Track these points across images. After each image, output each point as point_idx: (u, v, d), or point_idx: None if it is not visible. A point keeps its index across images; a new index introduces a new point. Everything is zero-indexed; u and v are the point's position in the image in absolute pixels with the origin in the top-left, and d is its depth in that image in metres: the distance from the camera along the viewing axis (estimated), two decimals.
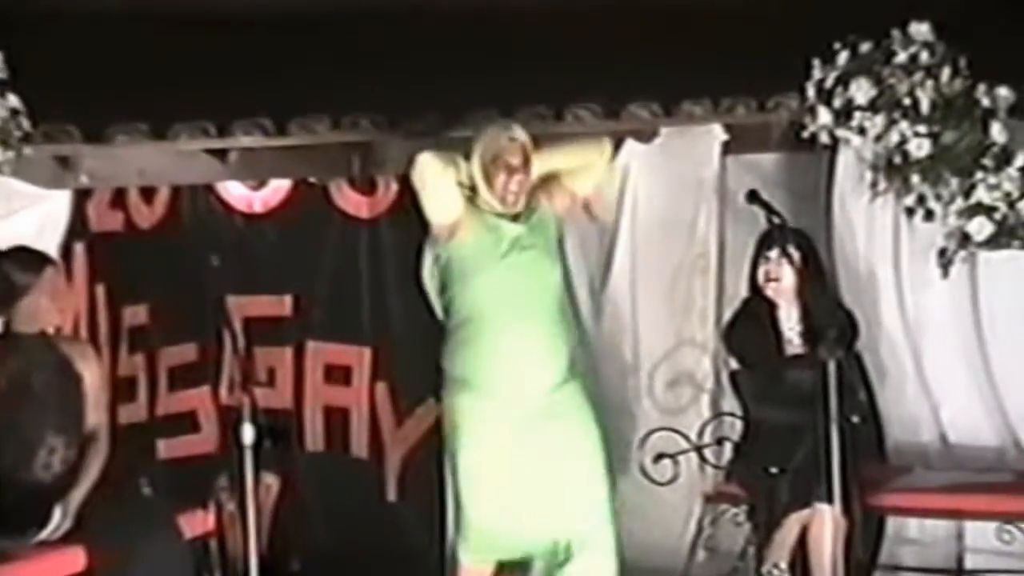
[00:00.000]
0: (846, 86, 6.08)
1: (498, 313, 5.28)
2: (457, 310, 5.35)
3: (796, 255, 5.78)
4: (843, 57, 6.06)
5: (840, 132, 6.10)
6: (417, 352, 6.69)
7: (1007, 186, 5.86)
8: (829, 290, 6.02)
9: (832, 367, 5.46)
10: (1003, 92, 6.01)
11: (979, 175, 5.91)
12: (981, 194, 5.88)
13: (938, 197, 5.99)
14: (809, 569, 5.79)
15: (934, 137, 5.99)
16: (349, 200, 6.78)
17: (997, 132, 5.95)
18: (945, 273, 5.97)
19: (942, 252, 5.98)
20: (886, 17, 6.02)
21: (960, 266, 6.02)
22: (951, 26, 6.01)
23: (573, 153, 5.61)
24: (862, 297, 6.21)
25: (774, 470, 5.78)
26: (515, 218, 5.39)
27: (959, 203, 5.94)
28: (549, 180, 5.55)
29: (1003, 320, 6.03)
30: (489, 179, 5.30)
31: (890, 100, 6.06)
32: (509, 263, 5.34)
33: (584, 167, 5.55)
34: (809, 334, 5.84)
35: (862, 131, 6.06)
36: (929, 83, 6.02)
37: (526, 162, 5.33)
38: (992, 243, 5.92)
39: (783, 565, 5.74)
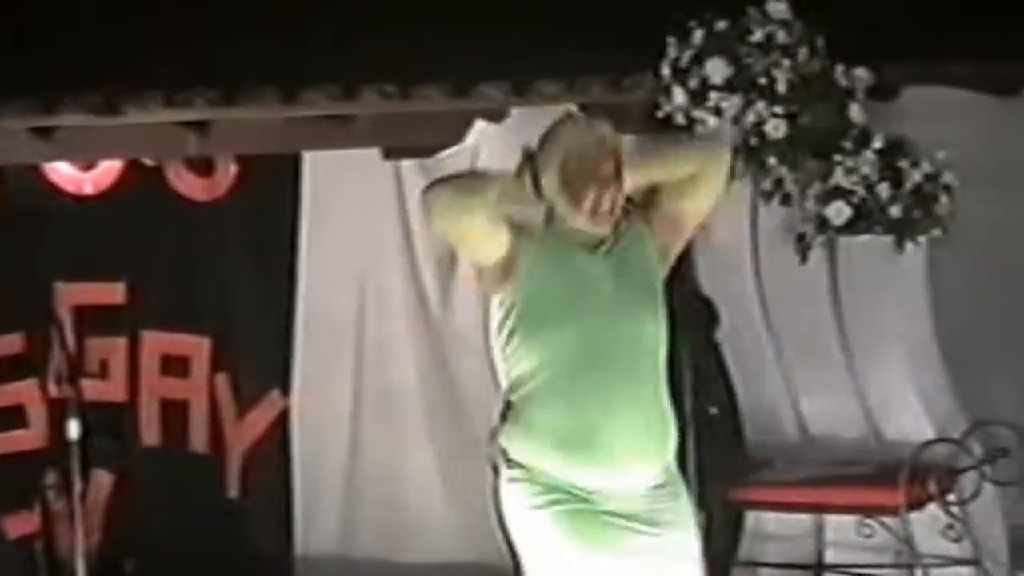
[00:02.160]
0: (702, 65, 6.02)
1: (581, 378, 4.01)
2: (523, 374, 4.07)
3: None
4: (698, 35, 6.03)
5: (696, 113, 6.09)
6: (259, 341, 6.62)
7: (865, 169, 5.91)
8: (685, 277, 5.86)
9: (686, 357, 5.48)
10: (861, 72, 6.04)
11: (837, 158, 5.94)
12: (839, 177, 5.93)
13: (796, 180, 6.03)
14: None
15: (791, 118, 6.01)
16: (185, 182, 6.59)
17: (855, 113, 6.00)
18: (803, 259, 5.98)
19: (801, 237, 5.99)
20: None
21: (820, 251, 6.01)
22: (809, 5, 5.97)
23: (679, 159, 4.27)
24: (722, 285, 6.18)
25: None
26: (597, 246, 4.10)
27: (817, 186, 5.96)
28: (647, 197, 4.26)
29: (864, 309, 6.05)
30: (573, 193, 4.00)
31: (746, 80, 6.10)
32: (595, 308, 4.07)
33: (696, 179, 4.14)
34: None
35: (718, 112, 6.07)
36: (786, 63, 6.05)
37: (619, 170, 4.06)
38: (851, 228, 5.95)
39: None
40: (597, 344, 4.05)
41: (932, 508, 5.81)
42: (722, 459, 5.93)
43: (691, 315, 5.76)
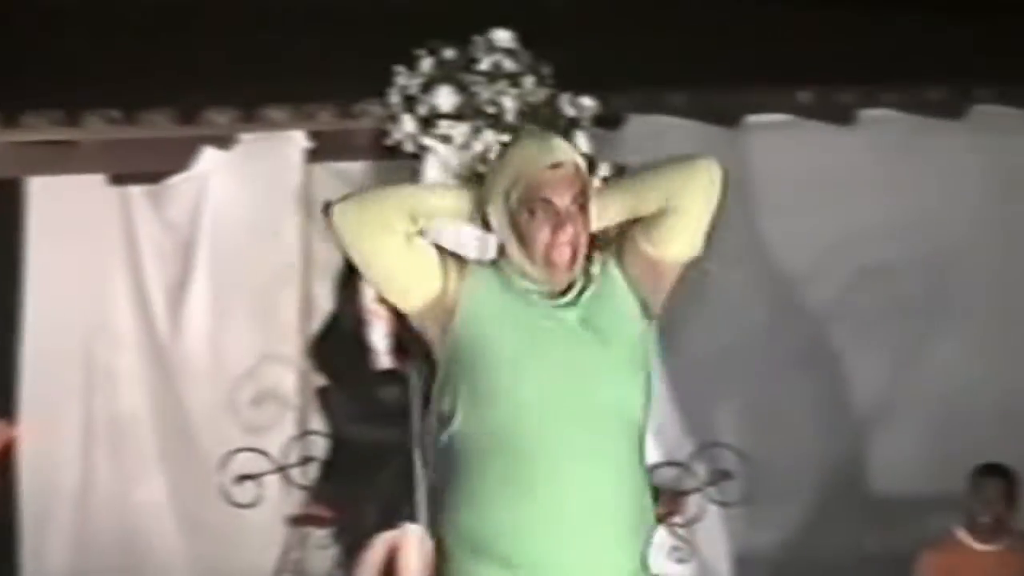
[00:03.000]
0: (430, 93, 6.04)
1: (535, 445, 3.17)
2: (466, 432, 3.21)
3: None
4: (427, 64, 6.04)
5: (425, 140, 6.10)
6: None
7: None
8: None
9: (418, 384, 5.47)
10: (587, 101, 6.14)
11: None
12: None
13: None
14: None
15: None
16: None
17: (581, 141, 6.00)
18: None
19: None
20: (470, 24, 6.06)
21: None
22: (535, 34, 6.06)
23: (653, 184, 3.31)
24: None
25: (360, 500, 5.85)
26: (559, 294, 3.25)
27: None
28: (620, 234, 3.39)
29: None
30: (521, 233, 3.17)
31: (474, 108, 6.14)
32: (549, 372, 3.20)
33: (675, 209, 3.22)
34: (400, 348, 5.84)
35: (447, 139, 6.10)
36: (513, 91, 6.08)
37: (583, 203, 3.20)
38: None
39: None
40: (548, 416, 3.17)
41: (660, 531, 5.54)
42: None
43: (423, 341, 5.69)
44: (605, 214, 3.23)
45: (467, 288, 3.21)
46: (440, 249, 3.20)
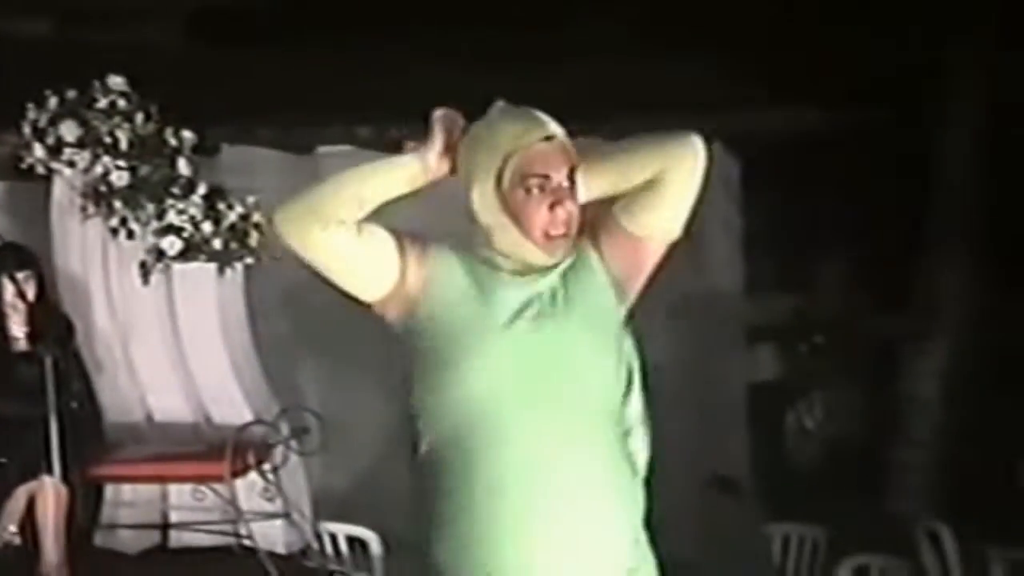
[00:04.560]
0: (56, 126, 6.52)
1: (511, 428, 2.91)
2: (434, 425, 2.97)
3: (22, 271, 6.17)
4: (53, 101, 6.53)
5: (54, 164, 6.59)
6: None
7: (192, 210, 6.53)
8: (50, 297, 6.36)
9: (50, 362, 5.95)
10: (187, 134, 6.72)
11: (169, 202, 6.53)
12: (172, 217, 6.52)
13: (137, 219, 6.56)
14: (37, 531, 6.17)
15: (132, 170, 6.57)
16: None
17: (183, 167, 6.65)
18: (145, 281, 6.58)
19: (143, 264, 6.56)
20: (90, 69, 6.58)
21: (159, 276, 6.59)
22: (145, 77, 6.60)
23: (639, 158, 3.00)
24: (79, 302, 6.66)
25: (1, 460, 6.10)
26: (529, 272, 2.99)
27: (154, 224, 6.53)
28: (594, 214, 3.07)
29: (194, 318, 6.68)
30: (517, 212, 2.94)
31: (94, 138, 6.56)
32: (526, 340, 2.94)
33: (661, 183, 2.96)
34: (33, 335, 6.20)
35: (72, 164, 6.57)
36: (127, 125, 6.60)
37: (573, 176, 2.97)
38: (182, 257, 6.55)
39: (13, 528, 6.16)
40: (522, 397, 2.91)
41: (252, 476, 6.45)
42: (83, 444, 6.19)
43: (53, 328, 6.12)
44: (587, 190, 2.96)
45: (428, 273, 2.95)
46: (396, 233, 2.94)
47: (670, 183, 2.95)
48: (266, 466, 6.57)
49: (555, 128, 2.92)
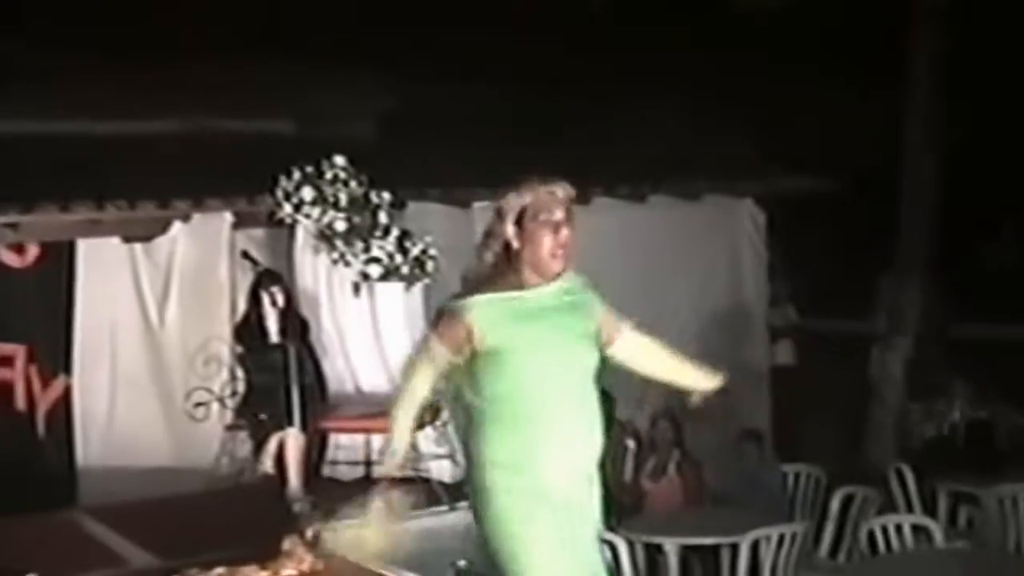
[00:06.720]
0: (299, 191, 7.99)
1: (542, 405, 4.17)
2: (490, 401, 4.19)
3: (275, 287, 7.53)
4: (296, 174, 8.01)
5: (297, 217, 8.08)
6: (51, 346, 8.07)
7: (388, 247, 7.96)
8: (293, 305, 7.70)
9: (292, 350, 7.35)
10: (385, 195, 8.08)
11: (373, 241, 7.94)
12: (374, 251, 7.92)
13: (352, 253, 7.94)
14: (284, 465, 7.33)
15: (348, 219, 7.92)
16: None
17: (382, 217, 8.06)
18: (356, 295, 7.99)
19: (355, 284, 7.98)
20: (320, 152, 8.06)
21: (365, 292, 7.94)
22: (362, 156, 8.12)
23: (676, 374, 4.48)
24: (312, 310, 7.99)
25: (262, 416, 7.35)
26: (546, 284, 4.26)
27: (362, 256, 7.93)
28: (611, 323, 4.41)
29: (388, 321, 7.99)
30: (533, 240, 4.14)
31: (323, 199, 7.93)
32: (548, 340, 4.19)
33: (674, 382, 4.48)
34: (282, 332, 7.54)
35: (308, 216, 8.03)
36: (345, 189, 7.99)
37: (570, 218, 4.18)
38: (381, 279, 7.98)
39: (269, 463, 7.34)
40: (548, 381, 4.11)
41: (428, 429, 7.43)
42: (314, 406, 7.45)
43: (295, 327, 7.44)
44: (637, 367, 4.35)
45: (475, 322, 4.10)
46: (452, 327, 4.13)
47: (679, 383, 4.40)
48: (437, 423, 7.55)
49: (560, 187, 4.15)
